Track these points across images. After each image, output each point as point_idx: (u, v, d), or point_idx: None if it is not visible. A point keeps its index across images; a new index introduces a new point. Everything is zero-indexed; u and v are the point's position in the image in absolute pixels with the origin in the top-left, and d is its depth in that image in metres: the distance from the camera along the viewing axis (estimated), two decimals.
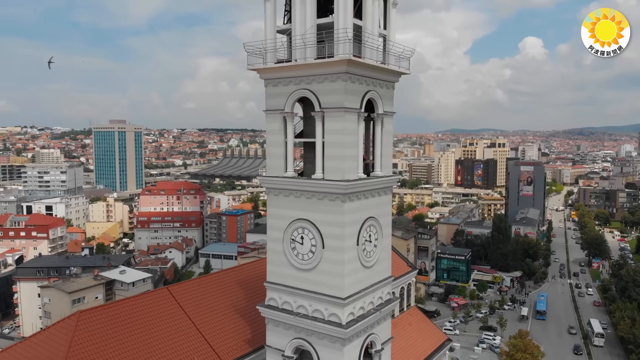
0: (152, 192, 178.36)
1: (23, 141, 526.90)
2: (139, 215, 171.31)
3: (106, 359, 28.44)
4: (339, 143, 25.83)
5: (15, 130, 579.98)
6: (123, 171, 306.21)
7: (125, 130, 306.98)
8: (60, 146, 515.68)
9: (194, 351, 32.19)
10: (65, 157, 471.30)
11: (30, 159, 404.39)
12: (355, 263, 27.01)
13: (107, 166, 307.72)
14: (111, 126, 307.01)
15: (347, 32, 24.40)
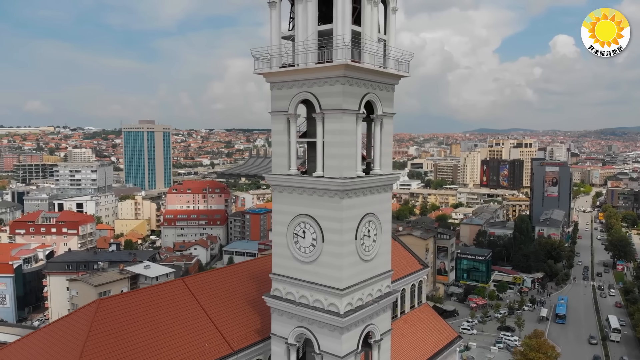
0: (179, 191, 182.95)
1: (56, 141, 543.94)
2: (166, 213, 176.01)
3: (122, 343, 30.61)
4: (338, 143, 27.37)
5: (49, 130, 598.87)
6: (152, 170, 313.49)
7: (154, 130, 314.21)
8: (92, 146, 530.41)
9: (206, 338, 34.12)
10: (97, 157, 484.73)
11: (62, 158, 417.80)
12: (354, 256, 28.49)
13: (136, 165, 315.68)
14: (140, 126, 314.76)
15: (344, 38, 25.92)
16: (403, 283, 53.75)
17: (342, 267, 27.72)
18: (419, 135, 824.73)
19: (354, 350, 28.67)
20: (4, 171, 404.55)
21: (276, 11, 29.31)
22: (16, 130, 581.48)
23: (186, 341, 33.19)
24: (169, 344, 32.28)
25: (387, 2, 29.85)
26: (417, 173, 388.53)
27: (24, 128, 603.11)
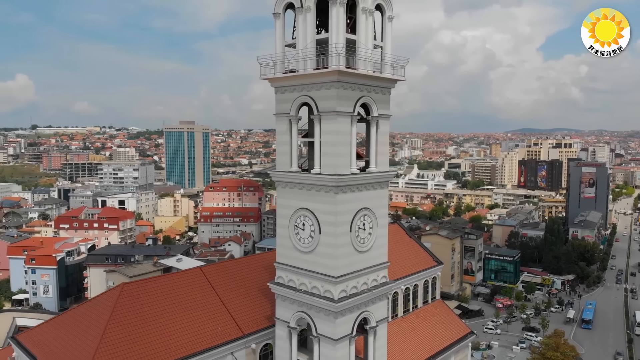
0: (215, 189, 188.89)
1: (102, 140, 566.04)
2: (202, 210, 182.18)
3: (142, 323, 33.89)
4: (333, 142, 29.76)
5: (95, 130, 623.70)
6: (192, 169, 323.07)
7: (194, 130, 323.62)
8: (136, 145, 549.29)
9: (218, 322, 37.05)
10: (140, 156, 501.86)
11: (107, 157, 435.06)
12: (348, 247, 30.76)
13: (177, 164, 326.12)
14: (181, 127, 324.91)
15: (336, 46, 28.29)
16: (416, 278, 55.43)
17: (336, 256, 30.06)
18: (459, 135, 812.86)
19: (348, 334, 30.97)
20: (52, 169, 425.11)
21: (280, 21, 31.95)
22: (64, 130, 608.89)
23: (200, 324, 36.21)
24: (183, 325, 35.37)
25: (383, 11, 31.98)
26: (454, 173, 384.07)
27: (71, 128, 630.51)
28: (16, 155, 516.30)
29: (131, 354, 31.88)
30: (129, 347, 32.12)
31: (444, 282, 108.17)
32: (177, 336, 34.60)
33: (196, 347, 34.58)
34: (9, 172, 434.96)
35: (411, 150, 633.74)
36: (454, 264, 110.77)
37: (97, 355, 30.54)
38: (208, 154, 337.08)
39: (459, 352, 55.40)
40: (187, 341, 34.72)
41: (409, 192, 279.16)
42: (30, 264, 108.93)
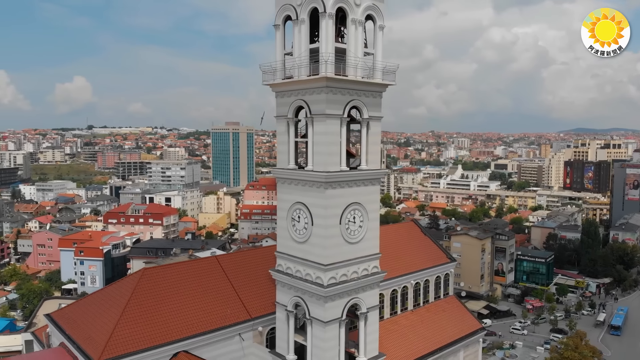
0: (255, 187, 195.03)
1: (153, 140, 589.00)
2: (243, 208, 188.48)
3: (158, 304, 37.88)
4: (323, 142, 32.65)
5: (147, 131, 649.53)
6: (236, 168, 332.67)
7: (238, 131, 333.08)
8: (185, 145, 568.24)
9: (228, 306, 40.63)
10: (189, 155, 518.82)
11: (158, 156, 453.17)
12: (338, 238, 33.53)
13: (222, 164, 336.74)
14: (227, 128, 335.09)
15: (324, 55, 31.19)
16: (427, 274, 57.26)
17: (326, 246, 32.93)
18: (509, 135, 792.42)
19: (337, 317, 33.77)
20: (106, 168, 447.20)
21: (280, 32, 35.13)
22: (118, 131, 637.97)
23: (211, 306, 39.91)
24: (196, 307, 39.17)
25: (375, 21, 34.59)
26: (500, 174, 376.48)
27: (125, 128, 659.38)
28: (73, 154, 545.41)
29: (146, 329, 35.90)
30: (145, 324, 36.17)
31: (473, 282, 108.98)
32: (189, 316, 38.41)
33: (206, 327, 38.28)
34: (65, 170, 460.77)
35: (457, 151, 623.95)
36: (484, 264, 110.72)
37: (116, 329, 34.72)
38: (252, 153, 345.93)
39: (468, 347, 56.77)
40: (199, 321, 38.46)
41: (450, 193, 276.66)
42: (79, 256, 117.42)
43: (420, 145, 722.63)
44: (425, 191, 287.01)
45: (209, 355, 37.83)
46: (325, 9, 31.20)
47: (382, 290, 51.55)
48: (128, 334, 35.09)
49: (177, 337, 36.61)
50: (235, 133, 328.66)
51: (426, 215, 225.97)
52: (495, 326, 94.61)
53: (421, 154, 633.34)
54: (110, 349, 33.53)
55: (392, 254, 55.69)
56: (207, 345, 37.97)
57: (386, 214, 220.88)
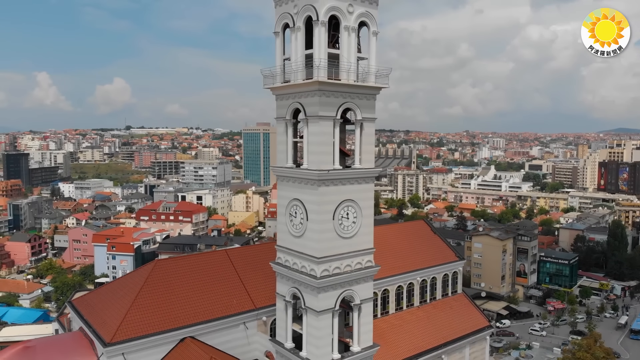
0: None
1: (188, 141, 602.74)
2: (270, 207, 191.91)
3: (167, 292, 40.79)
4: (317, 142, 34.63)
5: (183, 131, 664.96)
6: (267, 168, 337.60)
7: (269, 131, 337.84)
8: (219, 145, 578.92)
9: (235, 296, 43.28)
10: (223, 155, 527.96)
11: (193, 156, 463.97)
12: (331, 233, 35.40)
13: (253, 163, 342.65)
14: (257, 128, 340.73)
15: (317, 61, 33.21)
16: (434, 271, 58.58)
17: (320, 240, 34.88)
18: (546, 135, 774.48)
19: (331, 308, 35.67)
20: (142, 167, 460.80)
21: (279, 39, 37.32)
22: (155, 131, 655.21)
23: (218, 296, 42.62)
24: (203, 297, 41.93)
25: (368, 27, 36.39)
26: (534, 175, 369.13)
27: (161, 129, 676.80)
28: (111, 153, 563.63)
29: (156, 315, 38.82)
30: (154, 310, 39.10)
31: (494, 283, 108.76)
32: (197, 304, 41.21)
33: (213, 315, 41.02)
34: (104, 169, 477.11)
35: (492, 151, 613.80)
36: (505, 265, 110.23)
37: (128, 315, 37.74)
38: None
39: (475, 343, 57.79)
40: (206, 309, 41.22)
41: (481, 194, 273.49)
42: (111, 251, 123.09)
43: (454, 145, 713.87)
44: (454, 192, 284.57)
45: (214, 341, 40.48)
46: (318, 17, 33.23)
47: (387, 286, 53.57)
48: (139, 319, 38.07)
49: (184, 323, 39.43)
50: (266, 133, 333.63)
51: (454, 216, 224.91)
52: (514, 327, 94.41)
53: (454, 154, 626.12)
54: (121, 332, 36.56)
55: (399, 251, 57.62)
56: (212, 332, 40.67)
57: (413, 215, 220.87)
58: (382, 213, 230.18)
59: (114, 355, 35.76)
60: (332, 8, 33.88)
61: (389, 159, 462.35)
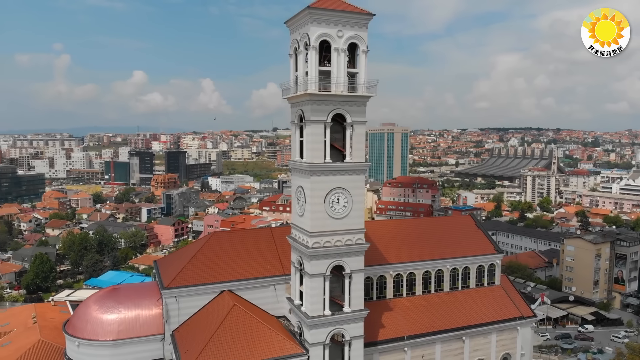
0: (392, 185, 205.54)
1: None
2: (379, 203, 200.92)
3: (218, 254, 52.93)
4: (311, 141, 43.88)
5: None
6: (390, 167, 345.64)
7: (393, 131, 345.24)
8: None
9: (269, 262, 53.69)
10: None
11: None
12: (322, 214, 44.26)
13: (378, 162, 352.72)
14: (382, 128, 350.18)
15: (308, 77, 42.53)
16: (466, 261, 63.09)
17: (312, 219, 44.06)
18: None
19: (321, 273, 44.57)
20: (284, 165, 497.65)
21: (292, 59, 47.26)
22: None
23: (255, 262, 53.54)
24: (243, 261, 53.28)
25: (358, 47, 44.56)
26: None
27: None
28: (258, 152, 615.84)
29: (204, 271, 51.18)
30: (204, 267, 51.50)
31: (585, 288, 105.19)
32: (237, 266, 52.69)
33: (248, 275, 52.14)
34: (251, 167, 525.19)
35: None
36: (599, 270, 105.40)
37: (184, 269, 50.58)
38: (406, 153, 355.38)
39: (503, 332, 61.03)
40: (244, 270, 52.46)
41: (620, 199, 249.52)
42: None
43: (611, 145, 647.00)
44: (591, 196, 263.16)
45: (248, 297, 51.57)
46: (310, 43, 42.56)
47: (413, 270, 60.24)
48: (191, 273, 50.81)
49: (224, 279, 51.22)
50: (390, 133, 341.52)
51: (582, 221, 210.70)
52: (597, 333, 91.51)
53: (610, 155, 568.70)
54: (176, 280, 49.55)
55: (431, 241, 63.80)
56: (247, 289, 51.81)
57: (536, 218, 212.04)
58: (503, 215, 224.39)
59: (169, 296, 48.82)
60: (323, 34, 42.91)
61: (526, 159, 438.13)
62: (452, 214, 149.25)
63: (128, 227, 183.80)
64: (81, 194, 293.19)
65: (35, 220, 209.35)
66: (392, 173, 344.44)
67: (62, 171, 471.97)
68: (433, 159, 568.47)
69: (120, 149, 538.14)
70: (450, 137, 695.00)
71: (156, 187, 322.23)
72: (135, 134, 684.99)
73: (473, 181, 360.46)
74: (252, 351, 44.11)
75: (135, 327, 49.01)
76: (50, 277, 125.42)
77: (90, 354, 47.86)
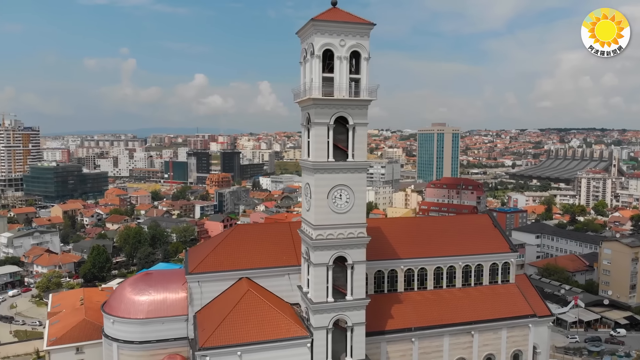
0: (436, 186, 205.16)
1: (376, 142, 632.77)
2: (422, 204, 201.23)
3: (239, 244, 57.93)
4: (315, 141, 47.84)
5: (373, 133, 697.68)
6: (440, 168, 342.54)
7: (443, 132, 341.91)
8: (404, 146, 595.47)
9: (285, 254, 58.11)
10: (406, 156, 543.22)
11: (378, 156, 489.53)
12: (325, 208, 48.02)
13: (427, 163, 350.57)
14: (432, 129, 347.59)
15: (312, 83, 46.53)
16: (479, 259, 64.98)
17: (316, 213, 48.00)
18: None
19: (325, 262, 48.34)
20: None
21: (302, 67, 51.42)
22: None
23: (272, 253, 57.87)
24: (261, 252, 57.77)
25: (360, 55, 48.08)
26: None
27: None
28: None
29: (226, 259, 56.16)
30: (226, 256, 56.58)
31: (621, 291, 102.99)
32: (255, 256, 57.39)
33: (265, 264, 56.69)
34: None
35: None
36: (636, 274, 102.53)
37: (207, 257, 55.92)
38: (457, 154, 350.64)
39: (514, 328, 62.43)
40: (261, 260, 57.08)
41: None
42: None
43: None
44: None
45: (264, 284, 56.12)
46: (314, 52, 46.60)
47: (424, 265, 62.87)
48: (214, 260, 56.10)
49: (243, 267, 56.09)
50: (440, 134, 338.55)
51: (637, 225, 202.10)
52: (630, 337, 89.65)
53: None
54: (200, 267, 54.95)
55: (445, 238, 66.20)
56: (263, 277, 56.36)
57: (587, 222, 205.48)
58: (553, 218, 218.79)
59: (193, 281, 54.21)
60: (326, 44, 46.78)
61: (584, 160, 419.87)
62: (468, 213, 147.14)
63: (180, 223, 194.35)
64: (140, 192, 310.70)
65: (96, 215, 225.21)
66: (442, 174, 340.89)
67: (125, 170, 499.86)
68: (488, 160, 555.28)
69: (179, 149, 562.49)
70: (508, 138, 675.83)
71: (210, 185, 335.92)
72: (194, 135, 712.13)
73: (527, 183, 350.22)
74: (261, 331, 48.65)
75: (163, 307, 54.83)
76: (105, 267, 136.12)
77: (122, 330, 54.03)
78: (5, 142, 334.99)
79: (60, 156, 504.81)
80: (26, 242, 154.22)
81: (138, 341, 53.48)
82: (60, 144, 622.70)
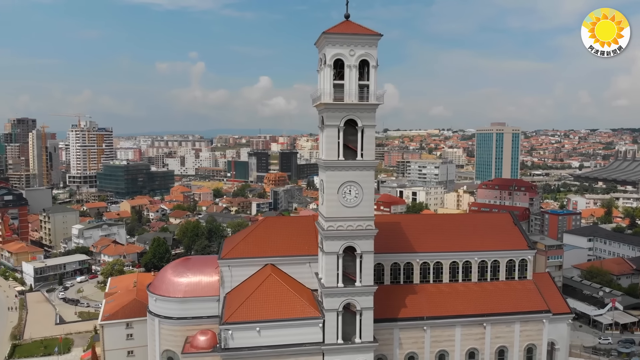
0: (488, 187, 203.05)
1: (436, 142, 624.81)
2: (472, 205, 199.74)
3: (267, 234, 64.03)
4: (327, 141, 53.13)
5: (433, 133, 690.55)
6: (499, 169, 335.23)
7: (502, 132, 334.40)
8: (465, 146, 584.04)
9: (307, 243, 63.35)
10: (466, 156, 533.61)
11: (438, 156, 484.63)
12: (336, 202, 53.10)
13: (485, 164, 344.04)
14: (491, 129, 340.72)
15: (324, 89, 51.86)
16: (495, 255, 67.49)
17: (328, 206, 53.24)
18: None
19: (335, 251, 53.44)
20: (390, 166, 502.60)
21: (319, 74, 56.82)
22: (408, 133, 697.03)
23: (296, 242, 63.41)
24: (286, 241, 63.49)
25: (369, 63, 52.83)
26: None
27: (414, 131, 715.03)
28: None
29: (254, 247, 62.26)
30: (254, 244, 62.67)
31: None
32: (280, 244, 63.06)
33: (288, 253, 62.48)
34: None
35: None
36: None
37: (238, 245, 62.46)
38: (517, 154, 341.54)
39: (528, 323, 64.43)
40: (285, 248, 62.87)
41: None
42: None
43: None
44: None
45: (287, 270, 61.73)
46: (325, 61, 51.96)
47: (440, 259, 66.38)
48: (244, 248, 62.51)
49: (268, 254, 62.13)
50: (499, 134, 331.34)
51: None
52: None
53: None
54: (230, 253, 61.64)
55: (463, 234, 69.35)
56: (286, 264, 62.01)
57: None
58: (613, 222, 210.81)
59: (224, 265, 60.87)
60: (337, 54, 51.96)
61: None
62: None
63: (236, 218, 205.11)
64: (203, 189, 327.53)
65: (161, 210, 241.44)
66: (501, 175, 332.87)
67: (191, 169, 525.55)
68: (554, 161, 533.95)
69: (242, 150, 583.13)
70: (576, 138, 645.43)
71: (268, 184, 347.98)
72: (257, 136, 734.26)
73: (592, 186, 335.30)
74: (278, 311, 54.57)
75: (198, 288, 61.99)
76: (165, 257, 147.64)
77: (163, 307, 61.68)
78: (81, 142, 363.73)
79: (132, 155, 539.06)
80: (95, 233, 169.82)
81: (176, 317, 60.78)
82: (132, 144, 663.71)
